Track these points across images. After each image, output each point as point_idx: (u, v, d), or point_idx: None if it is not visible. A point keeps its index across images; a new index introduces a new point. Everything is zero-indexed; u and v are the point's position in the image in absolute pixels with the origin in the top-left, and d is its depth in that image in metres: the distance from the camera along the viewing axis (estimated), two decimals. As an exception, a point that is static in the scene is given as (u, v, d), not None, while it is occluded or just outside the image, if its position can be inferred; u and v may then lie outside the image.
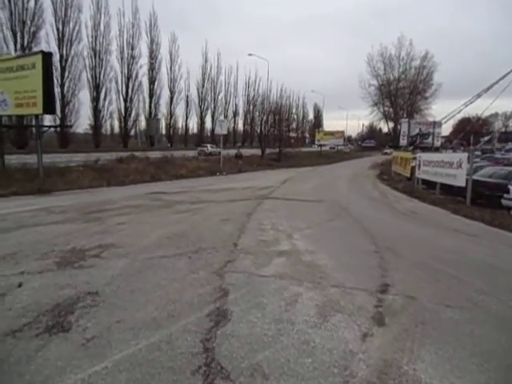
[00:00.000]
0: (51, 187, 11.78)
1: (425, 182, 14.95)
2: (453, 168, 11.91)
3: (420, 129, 33.31)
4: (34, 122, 15.34)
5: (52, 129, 36.13)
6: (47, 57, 12.78)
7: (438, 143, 33.19)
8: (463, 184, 11.01)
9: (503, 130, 59.84)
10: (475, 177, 11.26)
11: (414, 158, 16.90)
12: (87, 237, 5.64)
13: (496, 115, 64.19)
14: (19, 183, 11.84)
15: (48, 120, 31.85)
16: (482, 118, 51.10)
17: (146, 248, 4.99)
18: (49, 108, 12.93)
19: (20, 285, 3.59)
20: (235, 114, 60.09)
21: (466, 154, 11.81)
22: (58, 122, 33.53)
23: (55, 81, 32.36)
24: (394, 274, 4.06)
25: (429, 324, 2.85)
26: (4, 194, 10.50)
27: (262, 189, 13.27)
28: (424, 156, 15.57)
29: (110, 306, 3.07)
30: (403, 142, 32.63)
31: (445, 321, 2.93)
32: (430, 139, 33.27)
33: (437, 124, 33.37)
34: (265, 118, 33.64)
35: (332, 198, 11.43)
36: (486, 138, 34.97)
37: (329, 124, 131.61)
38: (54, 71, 30.01)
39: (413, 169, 16.82)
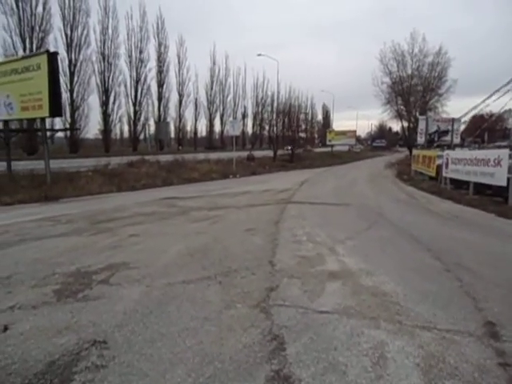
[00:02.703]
0: (59, 194, 11.09)
1: (452, 181, 13.89)
2: (490, 166, 10.83)
3: (438, 126, 32.05)
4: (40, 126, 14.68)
5: (62, 135, 35.86)
6: (53, 56, 12.04)
7: (457, 140, 31.86)
8: (504, 183, 9.93)
9: (518, 126, 58.27)
10: (515, 175, 10.18)
11: (439, 156, 15.82)
12: (95, 253, 4.80)
13: (510, 111, 62.55)
14: (25, 190, 11.17)
15: (58, 125, 31.47)
16: (496, 115, 49.69)
17: (164, 269, 4.11)
18: (55, 110, 12.19)
19: (5, 328, 2.73)
20: (244, 115, 59.39)
21: (506, 151, 10.72)
22: (67, 127, 33.15)
23: (64, 86, 32.06)
24: (490, 304, 3.10)
25: None
26: (9, 202, 9.87)
27: (281, 192, 12.39)
28: (452, 154, 14.48)
29: (124, 368, 2.18)
30: (421, 140, 31.38)
31: None
32: (448, 136, 32.01)
33: (456, 121, 32.06)
34: (275, 118, 32.80)
35: (359, 201, 10.48)
36: None
37: (338, 124, 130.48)
38: (62, 76, 29.60)
39: (438, 167, 15.74)
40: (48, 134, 14.74)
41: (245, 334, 2.57)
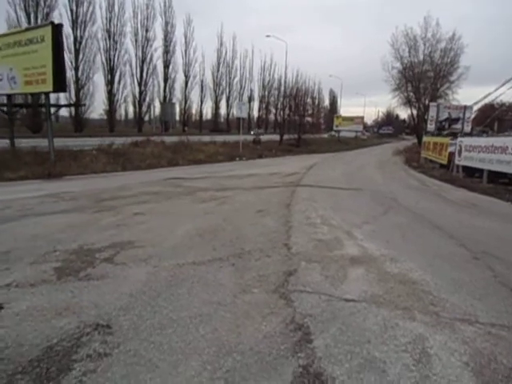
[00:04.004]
0: (63, 171, 10.83)
1: (464, 169, 13.49)
2: (507, 154, 10.44)
3: (449, 113, 31.27)
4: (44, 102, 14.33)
5: (67, 113, 35.48)
6: (57, 29, 11.54)
7: (467, 128, 31.16)
8: (524, 171, 9.59)
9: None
10: (534, 164, 9.81)
11: (452, 144, 15.36)
12: (98, 231, 4.55)
13: (519, 101, 61.49)
14: (28, 167, 10.92)
15: (63, 102, 31.03)
16: (506, 105, 48.60)
17: (172, 249, 3.84)
18: (59, 85, 11.73)
19: (0, 308, 2.49)
20: (250, 98, 58.53)
21: (528, 138, 10.32)
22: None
23: (69, 63, 31.50)
24: (530, 296, 2.83)
25: None
26: (12, 178, 9.63)
27: (289, 175, 12.07)
28: (466, 141, 14.02)
29: (130, 357, 1.92)
30: (431, 127, 30.69)
31: None
32: (459, 124, 31.30)
33: (468, 108, 31.27)
34: (283, 101, 32.24)
35: (370, 186, 10.15)
36: None
37: (344, 110, 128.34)
38: (67, 53, 28.99)
39: (450, 155, 15.29)
40: (52, 110, 14.36)
41: (264, 322, 2.29)
